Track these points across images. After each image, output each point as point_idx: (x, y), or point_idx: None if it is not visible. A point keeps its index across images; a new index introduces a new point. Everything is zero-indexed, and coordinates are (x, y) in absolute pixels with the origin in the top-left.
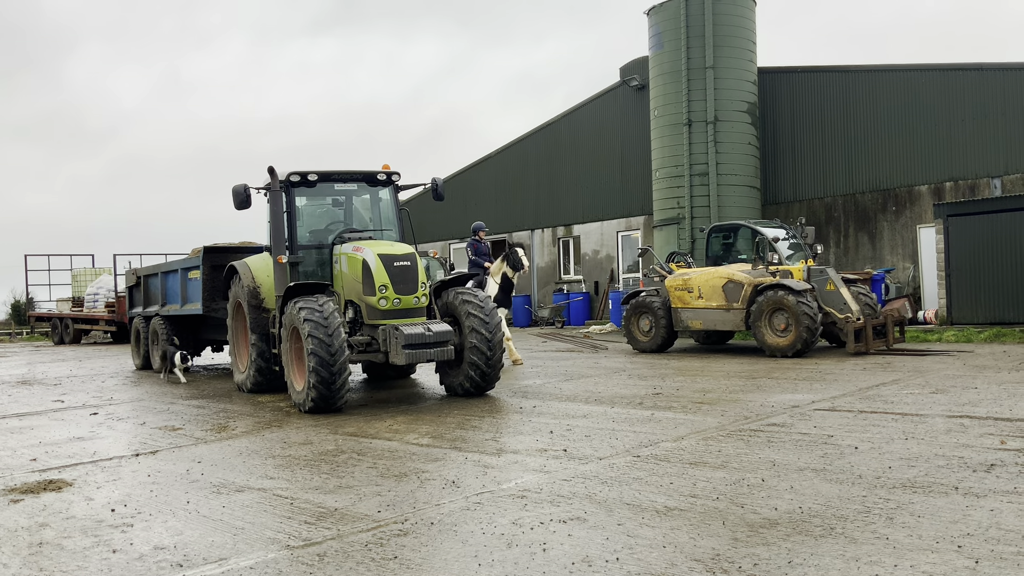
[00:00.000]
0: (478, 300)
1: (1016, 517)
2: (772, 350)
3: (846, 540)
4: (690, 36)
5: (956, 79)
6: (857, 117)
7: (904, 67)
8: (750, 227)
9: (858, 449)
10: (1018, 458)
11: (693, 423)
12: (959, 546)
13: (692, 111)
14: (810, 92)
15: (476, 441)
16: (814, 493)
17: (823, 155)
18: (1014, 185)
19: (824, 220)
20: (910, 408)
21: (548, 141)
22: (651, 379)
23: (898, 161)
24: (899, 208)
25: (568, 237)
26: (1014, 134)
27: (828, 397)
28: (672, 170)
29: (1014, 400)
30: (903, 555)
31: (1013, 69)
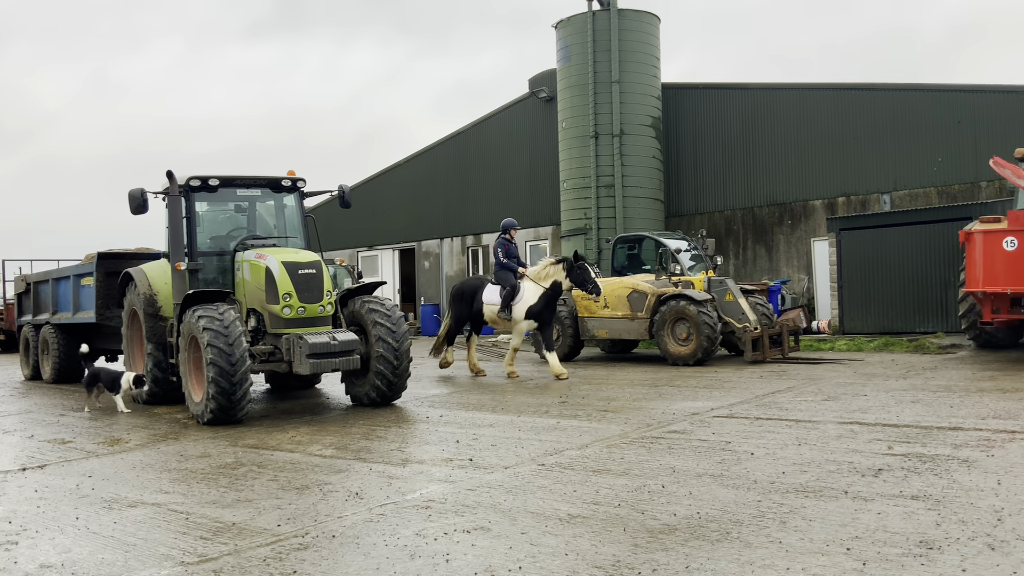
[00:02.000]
0: (385, 309)
1: (902, 520)
2: (674, 359)
3: (741, 544)
4: (597, 50)
5: (849, 99)
6: (756, 133)
7: (801, 86)
8: (654, 238)
9: (754, 455)
10: (904, 463)
11: (597, 431)
12: (848, 548)
13: (599, 124)
14: (712, 108)
15: (381, 451)
16: (711, 498)
17: (724, 169)
18: (902, 201)
19: (724, 232)
20: (803, 415)
21: (458, 150)
22: (557, 388)
23: (794, 177)
24: (795, 222)
25: (477, 246)
26: (903, 152)
27: (726, 404)
28: (579, 181)
29: (901, 407)
30: (795, 558)
31: (902, 90)
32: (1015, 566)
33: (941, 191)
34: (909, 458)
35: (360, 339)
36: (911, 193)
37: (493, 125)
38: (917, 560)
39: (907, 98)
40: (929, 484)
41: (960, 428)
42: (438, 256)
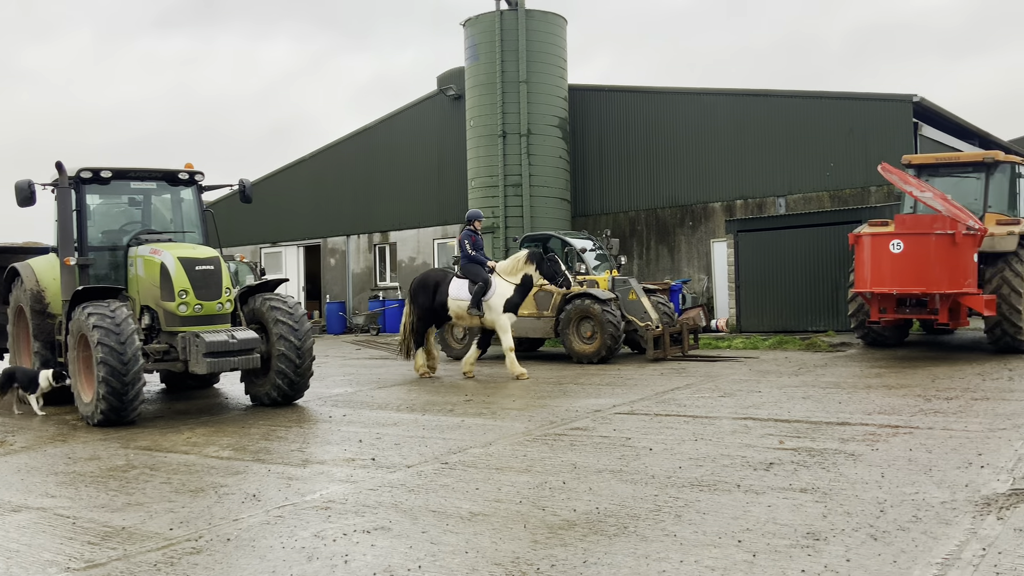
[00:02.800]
0: (287, 307)
1: (790, 512)
2: (579, 356)
3: (638, 538)
4: (504, 50)
5: (747, 104)
6: (659, 136)
7: (701, 91)
8: (560, 238)
9: (652, 450)
10: (794, 456)
11: (501, 429)
12: (739, 540)
13: (507, 123)
14: (617, 111)
15: (281, 452)
16: (611, 494)
17: (628, 171)
18: (797, 204)
19: (628, 233)
20: (701, 411)
21: (365, 146)
22: (463, 386)
23: (695, 179)
24: (695, 223)
25: (384, 244)
26: (797, 157)
27: (628, 401)
28: (487, 180)
29: (792, 403)
30: (688, 551)
31: (797, 97)
32: (895, 555)
33: (833, 195)
34: (799, 452)
35: (261, 337)
36: (805, 197)
37: (401, 122)
38: (804, 551)
39: (802, 105)
40: (817, 477)
41: (847, 423)
42: (344, 253)
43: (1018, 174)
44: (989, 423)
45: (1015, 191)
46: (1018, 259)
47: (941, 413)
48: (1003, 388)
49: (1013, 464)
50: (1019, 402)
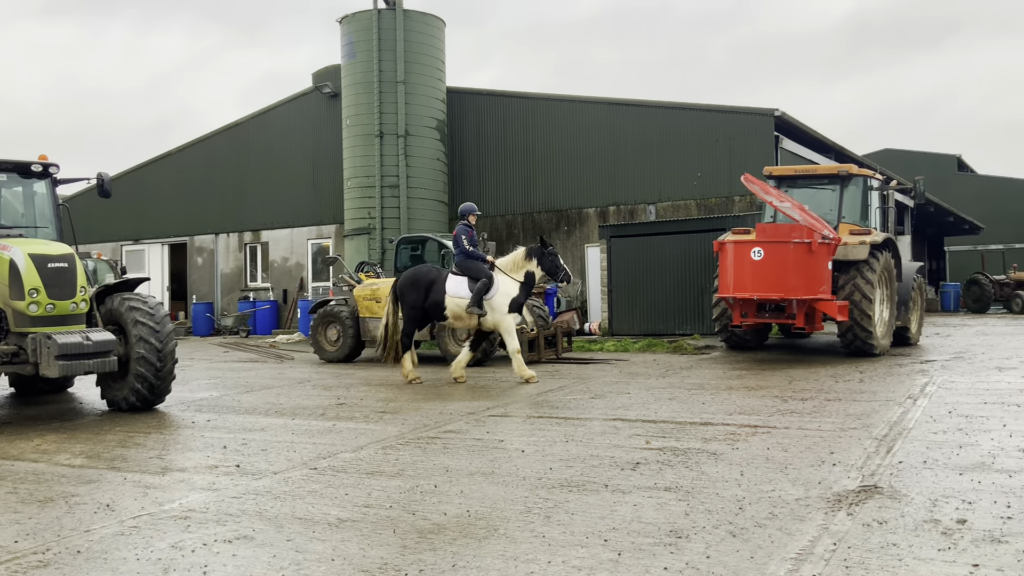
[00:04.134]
0: (147, 307)
1: (655, 511)
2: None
3: (507, 540)
4: (382, 49)
5: (621, 113)
6: (536, 142)
7: (577, 99)
8: (437, 240)
9: (525, 452)
10: (660, 456)
11: (374, 432)
12: (605, 540)
13: (384, 123)
14: (495, 115)
15: (138, 460)
16: (482, 496)
17: (506, 175)
18: (666, 211)
19: (505, 236)
20: (572, 412)
21: (237, 142)
22: (336, 389)
23: (571, 185)
24: (570, 228)
25: (256, 243)
26: (667, 166)
27: (502, 404)
28: (364, 180)
29: (659, 404)
30: (556, 551)
31: (667, 108)
32: (753, 551)
33: (700, 204)
34: (664, 452)
35: (119, 339)
36: (674, 205)
37: (276, 118)
38: (667, 548)
39: (672, 116)
40: (681, 476)
41: (710, 423)
42: (213, 252)
43: (870, 187)
44: (841, 423)
45: (867, 203)
46: (869, 267)
47: (797, 413)
48: (854, 389)
49: (863, 462)
50: (869, 403)
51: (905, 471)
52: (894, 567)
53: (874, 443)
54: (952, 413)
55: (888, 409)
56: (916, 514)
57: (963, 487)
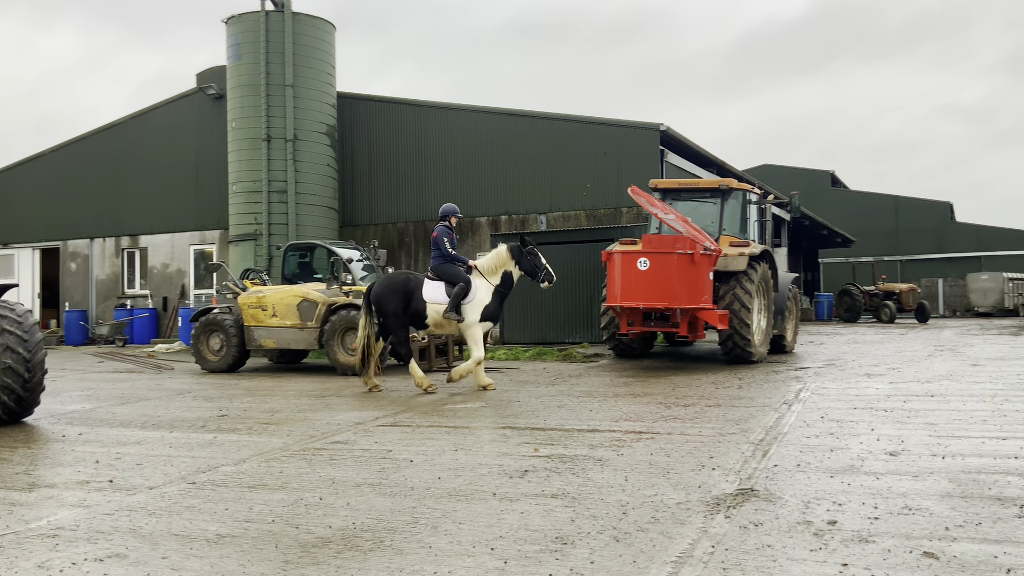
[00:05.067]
0: (15, 315)
1: (542, 518)
2: (344, 368)
3: (393, 551)
4: (270, 51)
5: (513, 124)
6: (430, 150)
7: (470, 108)
8: (326, 247)
9: (413, 462)
10: (548, 463)
11: (257, 445)
12: (492, 548)
13: (271, 127)
14: (387, 121)
15: (3, 475)
16: (368, 508)
17: (398, 182)
18: (557, 221)
19: (397, 244)
20: (462, 421)
21: (116, 143)
22: (218, 400)
23: (463, 193)
24: (463, 236)
25: (134, 248)
26: (558, 177)
27: (391, 413)
28: (250, 185)
29: (548, 412)
30: (443, 561)
31: (558, 120)
32: (635, 555)
33: (589, 214)
34: (552, 459)
35: None
36: (564, 215)
37: (157, 119)
38: (553, 555)
39: (563, 127)
40: (567, 483)
41: (597, 430)
42: (88, 257)
43: (748, 200)
44: (721, 428)
45: (746, 216)
46: (747, 278)
47: (679, 419)
48: (733, 396)
49: (740, 466)
50: (747, 408)
51: (780, 474)
52: (769, 568)
53: (751, 447)
54: (824, 418)
55: (765, 414)
56: (790, 516)
57: (834, 489)
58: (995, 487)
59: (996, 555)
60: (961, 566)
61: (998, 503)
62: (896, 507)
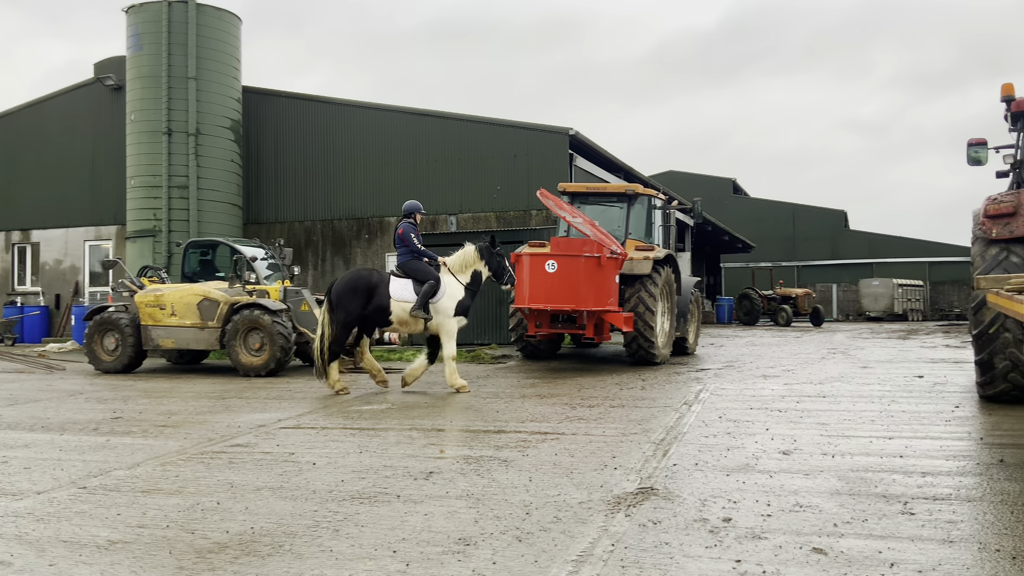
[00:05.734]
0: None
1: (445, 520)
2: (246, 369)
3: (293, 556)
4: (172, 43)
5: (424, 124)
6: (338, 147)
7: (381, 107)
8: (229, 245)
9: (316, 465)
10: (453, 465)
11: (153, 448)
12: (394, 551)
13: (173, 120)
14: (295, 118)
15: None
16: (268, 512)
17: (305, 180)
18: (467, 223)
19: (304, 243)
20: (367, 423)
21: (6, 134)
22: (112, 402)
23: (373, 193)
24: (372, 236)
25: (26, 243)
26: (469, 178)
27: (295, 415)
28: (149, 179)
29: (455, 413)
30: (344, 565)
31: (470, 121)
32: (537, 555)
33: (499, 216)
34: (458, 460)
35: None
36: (474, 216)
37: (51, 109)
38: (455, 557)
39: (474, 129)
40: (472, 484)
41: (503, 431)
42: None
43: (654, 206)
44: (623, 428)
45: (651, 220)
46: (652, 281)
47: (584, 420)
48: (636, 396)
49: (641, 465)
50: (649, 409)
51: (679, 473)
52: (665, 565)
53: (652, 447)
54: (722, 418)
55: (666, 415)
56: (687, 514)
57: (729, 487)
58: (881, 485)
59: (880, 550)
60: (848, 561)
61: (883, 500)
62: (788, 504)
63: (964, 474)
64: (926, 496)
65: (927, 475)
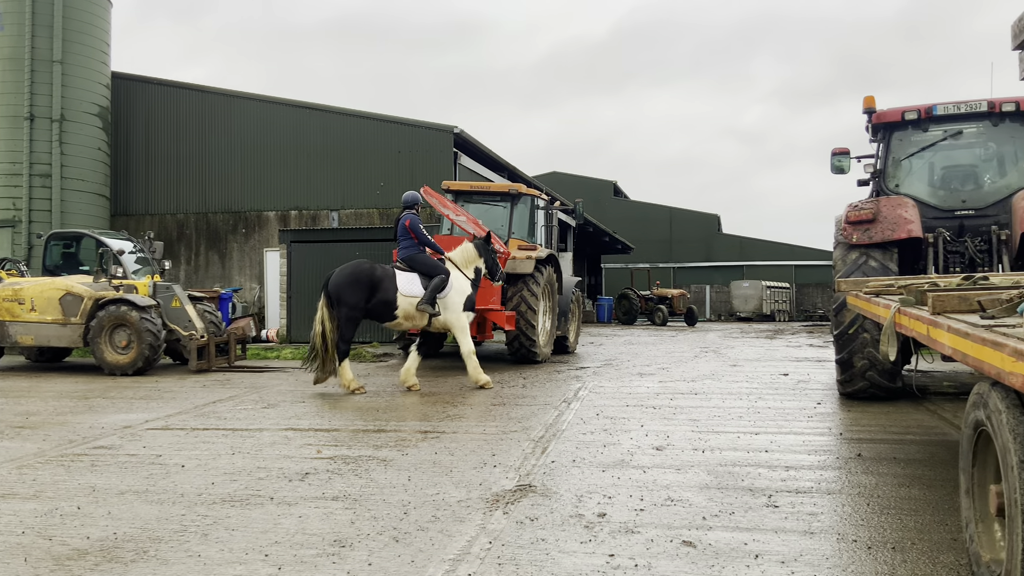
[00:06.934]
0: None
1: (320, 521)
2: (112, 368)
3: (158, 562)
4: (36, 24)
5: (306, 118)
6: (213, 138)
7: (261, 98)
8: (95, 237)
9: (185, 467)
10: (330, 465)
11: (8, 450)
12: (266, 555)
13: (36, 105)
14: (168, 106)
15: None
16: (132, 516)
17: (178, 171)
18: (349, 219)
19: (176, 237)
20: (242, 423)
21: None
22: None
23: (251, 186)
24: (249, 231)
25: None
26: (352, 174)
27: (163, 416)
28: (9, 167)
29: (334, 412)
30: (212, 570)
31: (353, 116)
32: (414, 555)
33: (382, 213)
34: (335, 461)
35: None
36: (357, 212)
37: None
38: (330, 559)
39: (357, 124)
40: (350, 484)
41: (383, 430)
42: None
43: (537, 206)
44: (504, 426)
45: (534, 220)
46: (534, 281)
47: (465, 418)
48: (517, 395)
49: (520, 463)
50: (529, 407)
51: (557, 470)
52: (541, 561)
53: (532, 444)
54: (599, 415)
55: (546, 412)
56: (563, 510)
57: (605, 483)
58: (747, 478)
59: (746, 542)
60: (715, 553)
61: (750, 493)
62: (660, 499)
63: (825, 468)
64: (789, 489)
65: (790, 469)
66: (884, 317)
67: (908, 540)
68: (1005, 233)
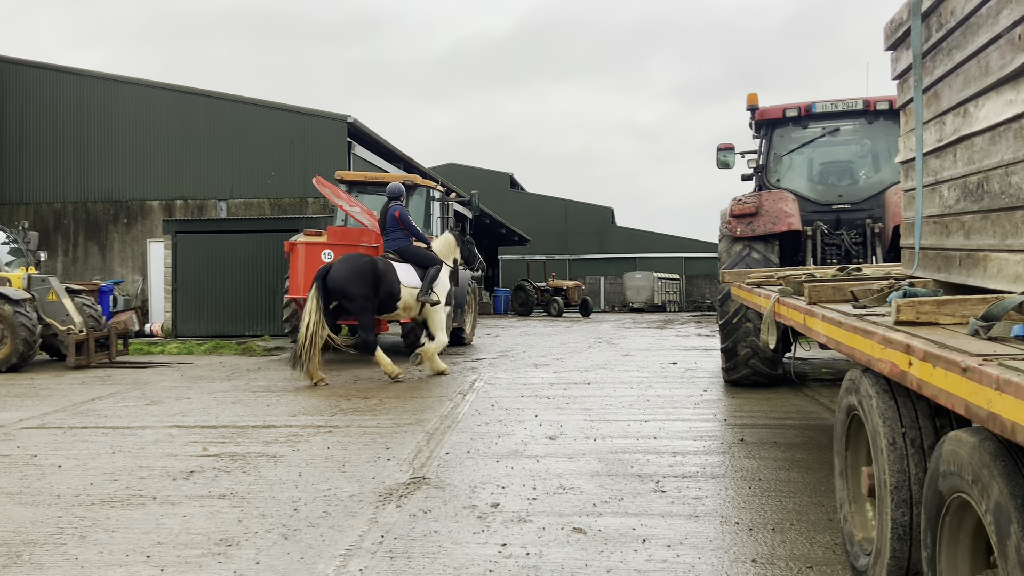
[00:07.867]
0: None
1: (206, 520)
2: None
3: (32, 566)
4: None
5: (191, 103)
6: (92, 125)
7: (143, 82)
8: None
9: (62, 467)
10: (217, 463)
11: None
12: (148, 556)
13: None
14: (43, 91)
15: None
16: (5, 520)
17: (56, 159)
18: (238, 209)
19: (53, 227)
20: (123, 421)
21: None
22: None
23: (132, 174)
24: (131, 221)
25: None
26: (241, 163)
27: (39, 414)
28: None
29: (222, 408)
30: (90, 573)
31: (242, 103)
32: (304, 552)
33: (274, 203)
34: (222, 458)
35: None
36: (246, 203)
37: None
38: (216, 559)
39: (246, 112)
40: (237, 482)
41: (273, 426)
42: None
43: (432, 197)
44: (398, 419)
45: (430, 211)
46: None
47: (359, 412)
48: (413, 387)
49: (414, 455)
50: (424, 399)
51: (451, 462)
52: (434, 553)
53: (426, 437)
54: (495, 406)
55: (441, 404)
56: (457, 501)
57: (499, 473)
58: (636, 465)
59: (635, 527)
60: (605, 539)
61: (638, 480)
62: (552, 487)
63: (710, 453)
64: (676, 475)
65: (677, 455)
66: (765, 307)
67: (787, 521)
68: (879, 226)
